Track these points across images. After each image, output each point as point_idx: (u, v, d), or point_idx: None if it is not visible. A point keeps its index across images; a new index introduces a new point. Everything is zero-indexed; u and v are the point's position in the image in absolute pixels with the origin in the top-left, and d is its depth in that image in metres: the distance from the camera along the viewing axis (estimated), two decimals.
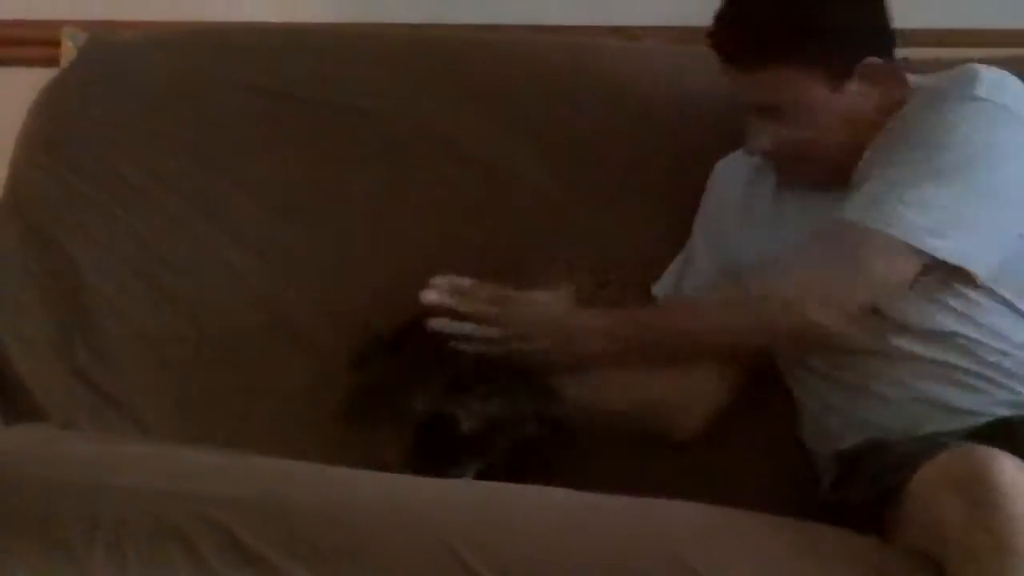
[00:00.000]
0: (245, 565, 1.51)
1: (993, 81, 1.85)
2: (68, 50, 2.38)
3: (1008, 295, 1.82)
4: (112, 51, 2.24)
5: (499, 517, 1.56)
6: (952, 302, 1.82)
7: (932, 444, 1.65)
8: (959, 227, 1.79)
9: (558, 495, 1.63)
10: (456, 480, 1.68)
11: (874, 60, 1.89)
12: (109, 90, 2.17)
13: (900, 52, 1.95)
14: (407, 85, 2.18)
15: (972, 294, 1.82)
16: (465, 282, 1.88)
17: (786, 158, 1.93)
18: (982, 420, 1.79)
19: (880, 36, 1.92)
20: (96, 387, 1.98)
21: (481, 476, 1.81)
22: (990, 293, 1.82)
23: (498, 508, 1.59)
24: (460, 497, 1.61)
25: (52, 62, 2.38)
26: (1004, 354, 1.82)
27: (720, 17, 1.91)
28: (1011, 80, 1.87)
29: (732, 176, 2.04)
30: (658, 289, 2.05)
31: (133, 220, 2.09)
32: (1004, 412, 1.80)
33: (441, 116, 2.17)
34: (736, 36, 1.90)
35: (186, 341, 2.05)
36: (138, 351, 2.03)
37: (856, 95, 1.89)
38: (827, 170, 1.91)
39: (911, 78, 1.94)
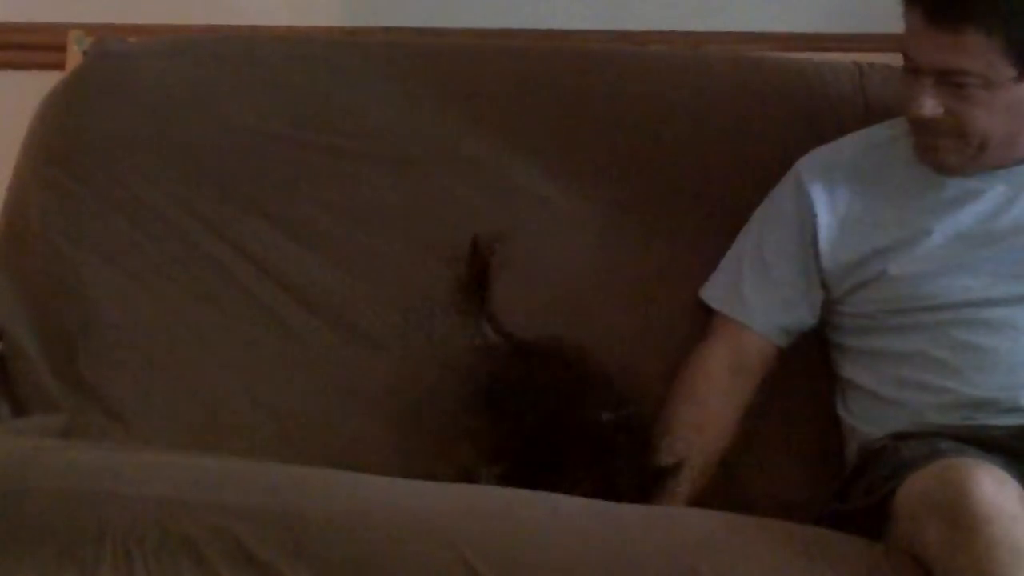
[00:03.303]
0: (254, 574, 1.50)
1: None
2: (74, 54, 2.38)
3: None
4: (118, 57, 2.22)
5: (510, 526, 1.56)
6: None
7: (920, 453, 1.66)
8: None
9: (569, 504, 1.63)
10: (468, 488, 1.67)
11: None
12: (114, 98, 2.13)
13: None
14: (419, 100, 2.15)
15: None
16: None
17: (940, 131, 1.89)
18: None
19: None
20: (100, 401, 1.96)
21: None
22: None
23: (509, 517, 1.58)
24: (472, 506, 1.60)
25: (58, 66, 2.38)
26: None
27: None
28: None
29: (837, 164, 2.02)
30: (709, 292, 2.04)
31: (136, 233, 2.06)
32: None
33: (454, 131, 2.14)
34: None
35: (191, 361, 2.02)
36: (140, 367, 2.00)
37: None
38: (966, 154, 1.89)
39: None
